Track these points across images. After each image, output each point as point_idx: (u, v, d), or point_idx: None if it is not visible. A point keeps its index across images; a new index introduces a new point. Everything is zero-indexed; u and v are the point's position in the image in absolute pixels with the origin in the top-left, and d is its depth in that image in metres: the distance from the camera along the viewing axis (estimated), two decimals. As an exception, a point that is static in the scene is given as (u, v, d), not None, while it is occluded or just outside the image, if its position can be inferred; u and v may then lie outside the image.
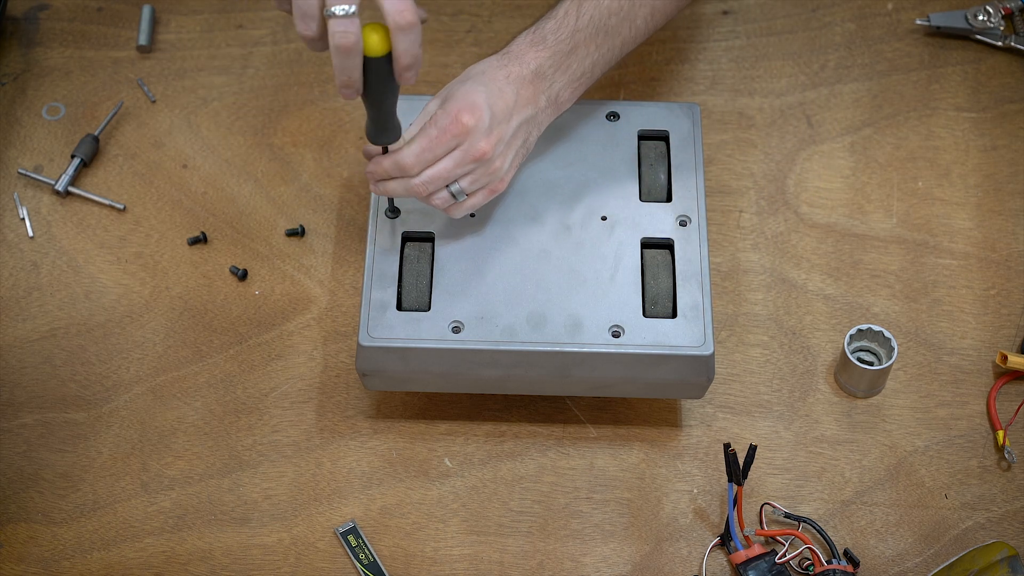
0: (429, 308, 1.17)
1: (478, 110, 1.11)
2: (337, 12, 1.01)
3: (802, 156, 1.37)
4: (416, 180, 1.13)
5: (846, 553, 1.17)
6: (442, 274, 1.18)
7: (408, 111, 1.22)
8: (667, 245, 1.20)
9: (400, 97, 1.11)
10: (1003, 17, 1.44)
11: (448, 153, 1.12)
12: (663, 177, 1.24)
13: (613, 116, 1.27)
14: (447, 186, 1.14)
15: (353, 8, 1.01)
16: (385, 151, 1.14)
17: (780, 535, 1.17)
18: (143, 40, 1.42)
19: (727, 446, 1.15)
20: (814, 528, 1.18)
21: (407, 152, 1.12)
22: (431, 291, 1.18)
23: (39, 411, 1.24)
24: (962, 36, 1.44)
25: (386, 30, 1.03)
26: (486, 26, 1.44)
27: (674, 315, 1.17)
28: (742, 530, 1.16)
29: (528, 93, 1.15)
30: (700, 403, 1.24)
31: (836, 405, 1.25)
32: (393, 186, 1.15)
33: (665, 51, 1.43)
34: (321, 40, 1.04)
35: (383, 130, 1.11)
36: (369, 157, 1.16)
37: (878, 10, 1.46)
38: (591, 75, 1.19)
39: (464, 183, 1.14)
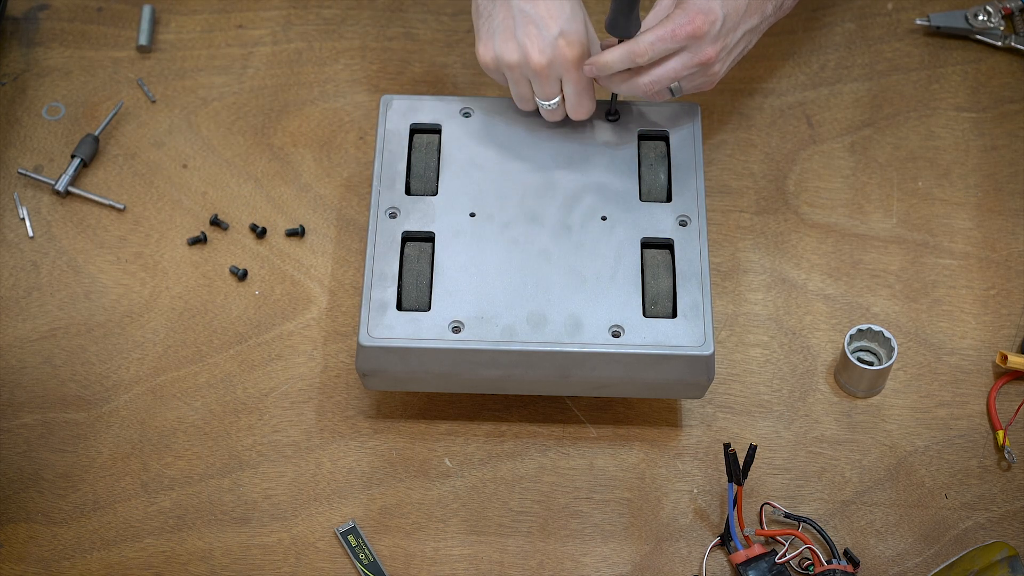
0: (429, 308, 1.17)
1: (713, 14, 1.17)
2: (547, 105, 1.22)
3: (802, 156, 1.37)
4: (643, 79, 1.19)
5: (846, 553, 1.17)
6: (442, 274, 1.18)
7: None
8: (667, 245, 1.20)
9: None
10: (1003, 17, 1.44)
11: (677, 53, 1.18)
12: (663, 177, 1.24)
13: (613, 116, 1.27)
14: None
15: (556, 101, 1.21)
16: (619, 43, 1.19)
17: (780, 535, 1.17)
18: (143, 40, 1.42)
19: (727, 446, 1.15)
20: (814, 528, 1.18)
21: (641, 40, 1.16)
22: (431, 291, 1.17)
23: (39, 411, 1.24)
24: (962, 36, 1.44)
25: None
26: (486, 26, 1.44)
27: (674, 315, 1.17)
28: (742, 530, 1.16)
29: (759, 1, 1.21)
30: (700, 403, 1.24)
31: (836, 405, 1.25)
32: (618, 81, 1.20)
33: (665, 51, 1.43)
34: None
35: (625, 21, 1.16)
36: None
37: (878, 10, 1.46)
38: None
39: (684, 83, 1.21)
